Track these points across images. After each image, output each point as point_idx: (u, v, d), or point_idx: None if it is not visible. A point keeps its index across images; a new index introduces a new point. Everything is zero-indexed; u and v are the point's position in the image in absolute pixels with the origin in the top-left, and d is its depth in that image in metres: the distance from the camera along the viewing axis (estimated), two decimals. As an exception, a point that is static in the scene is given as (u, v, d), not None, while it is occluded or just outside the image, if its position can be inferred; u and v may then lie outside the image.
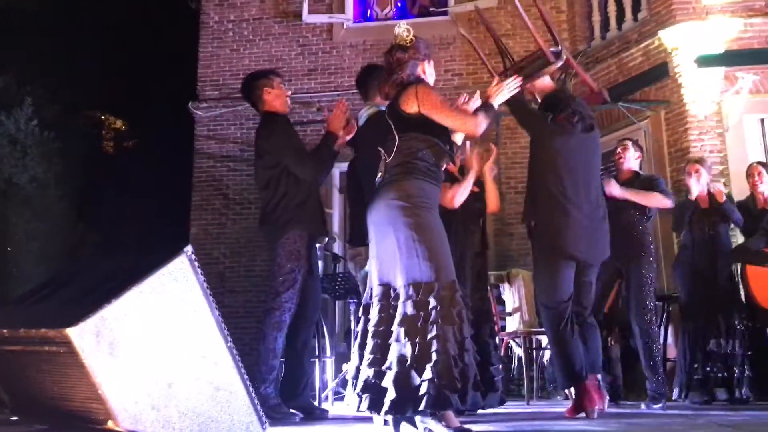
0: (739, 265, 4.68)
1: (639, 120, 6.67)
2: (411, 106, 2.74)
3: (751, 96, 6.05)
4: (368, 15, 8.46)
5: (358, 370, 2.64)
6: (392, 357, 2.52)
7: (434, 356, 2.44)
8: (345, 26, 8.10)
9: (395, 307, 2.59)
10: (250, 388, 2.36)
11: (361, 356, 2.63)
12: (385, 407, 2.46)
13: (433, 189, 2.74)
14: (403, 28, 2.91)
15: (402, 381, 2.46)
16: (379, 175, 2.79)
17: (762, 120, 6.13)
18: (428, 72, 2.91)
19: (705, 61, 6.18)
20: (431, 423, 2.50)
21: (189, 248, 2.28)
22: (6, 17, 9.46)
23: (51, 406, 2.34)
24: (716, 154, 6.11)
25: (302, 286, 3.50)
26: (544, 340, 5.33)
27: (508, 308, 5.54)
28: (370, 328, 2.64)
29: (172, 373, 2.18)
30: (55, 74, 9.21)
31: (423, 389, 2.42)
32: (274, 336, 3.41)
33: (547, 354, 5.42)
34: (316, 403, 4.17)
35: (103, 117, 13.42)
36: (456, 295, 2.55)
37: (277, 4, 8.29)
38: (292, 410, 3.50)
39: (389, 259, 2.65)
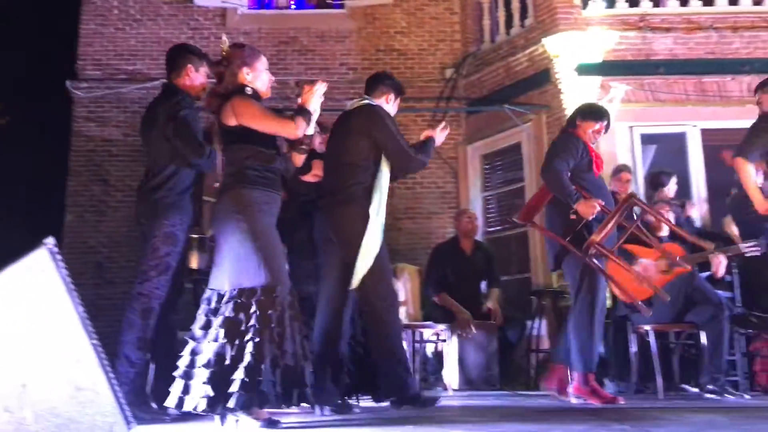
0: None
1: (523, 123, 6.98)
2: (230, 119, 2.90)
3: (623, 105, 6.47)
4: (265, 2, 8.29)
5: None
6: (209, 356, 2.67)
7: (248, 357, 2.62)
8: (239, 12, 7.90)
9: (216, 310, 2.75)
10: (116, 387, 2.25)
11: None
12: (197, 403, 2.64)
13: (265, 195, 2.89)
14: (222, 40, 3.09)
15: (217, 379, 2.63)
16: (217, 183, 2.98)
17: (631, 128, 6.58)
18: (253, 76, 3.01)
19: (584, 70, 6.56)
20: (242, 416, 2.67)
21: (50, 240, 2.14)
22: None
23: None
24: (590, 158, 6.50)
25: (175, 274, 3.37)
26: (426, 332, 5.47)
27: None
28: (195, 330, 2.80)
29: (27, 373, 2.05)
30: None
31: (234, 387, 2.60)
32: (140, 325, 3.26)
33: (429, 347, 5.58)
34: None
35: (-30, 91, 12.35)
36: (276, 299, 2.71)
37: (166, -17, 7.95)
38: (169, 409, 3.38)
39: (219, 265, 2.82)
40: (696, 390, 4.66)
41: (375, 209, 3.33)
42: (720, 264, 4.71)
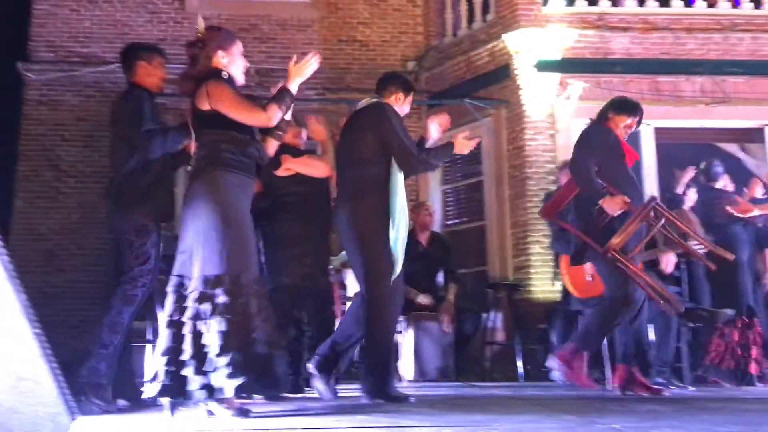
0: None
1: (482, 117, 7.03)
2: (204, 103, 2.83)
3: (580, 102, 6.58)
4: (226, -12, 8.14)
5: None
6: (187, 347, 2.64)
7: (220, 348, 2.60)
8: (199, -3, 7.76)
9: (184, 297, 2.71)
10: (60, 377, 2.19)
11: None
12: (188, 395, 2.63)
13: (240, 180, 2.84)
14: (198, 21, 3.01)
15: (194, 370, 2.61)
16: (190, 167, 2.94)
17: (588, 125, 6.68)
18: (228, 60, 2.95)
19: (543, 66, 6.63)
20: (213, 405, 2.65)
21: (-10, 225, 2.08)
22: None
23: None
24: (548, 154, 6.60)
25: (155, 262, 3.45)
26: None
27: (350, 293, 5.64)
28: (165, 317, 2.75)
29: (-36, 362, 1.98)
30: None
31: (209, 378, 2.59)
32: (119, 310, 3.33)
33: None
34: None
35: None
36: (244, 289, 2.69)
37: (124, -36, 7.75)
38: (119, 400, 3.36)
39: (188, 250, 2.75)
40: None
41: (394, 202, 3.38)
42: (669, 261, 4.84)
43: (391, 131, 3.44)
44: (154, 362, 2.77)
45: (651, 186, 6.62)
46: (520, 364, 5.61)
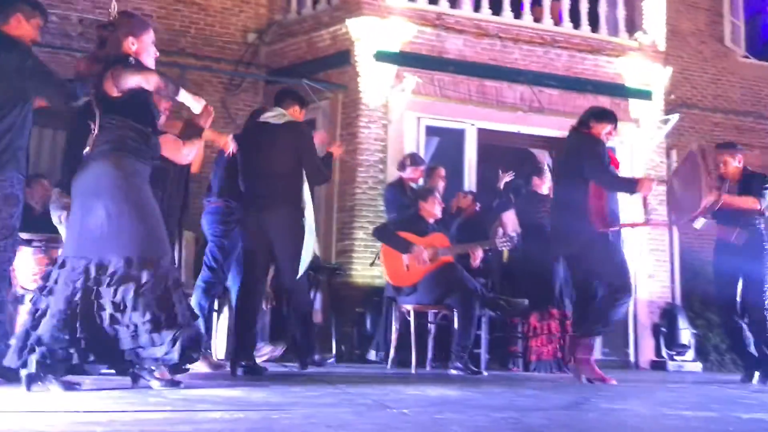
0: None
1: (319, 100, 7.03)
2: (112, 89, 2.91)
3: (413, 96, 6.82)
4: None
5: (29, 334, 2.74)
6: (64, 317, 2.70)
7: (155, 324, 2.75)
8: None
9: (97, 281, 2.75)
10: None
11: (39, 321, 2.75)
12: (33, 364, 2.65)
13: (143, 166, 2.96)
14: (112, 5, 3.18)
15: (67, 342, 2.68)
16: (87, 149, 2.92)
17: (419, 119, 6.95)
18: (138, 47, 3.02)
19: (381, 57, 6.77)
20: (149, 377, 2.84)
21: None
22: None
23: None
24: (379, 143, 6.77)
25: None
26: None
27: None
28: (60, 296, 2.75)
29: None
30: None
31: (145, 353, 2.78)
32: None
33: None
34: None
35: None
36: (163, 268, 2.84)
37: None
38: None
39: (95, 232, 2.78)
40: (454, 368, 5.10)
41: (308, 211, 4.02)
42: (478, 255, 5.20)
43: (310, 153, 4.07)
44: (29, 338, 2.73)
45: (471, 183, 7.03)
46: (333, 345, 5.74)
